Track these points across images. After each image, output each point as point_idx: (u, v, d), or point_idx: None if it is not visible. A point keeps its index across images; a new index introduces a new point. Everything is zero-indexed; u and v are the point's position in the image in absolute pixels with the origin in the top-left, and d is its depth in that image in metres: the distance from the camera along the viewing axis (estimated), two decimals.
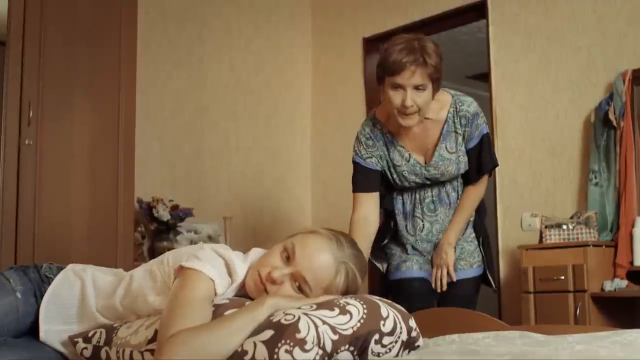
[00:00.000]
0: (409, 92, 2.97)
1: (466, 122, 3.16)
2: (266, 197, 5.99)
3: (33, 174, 3.81)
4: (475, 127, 3.17)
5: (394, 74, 2.97)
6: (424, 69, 2.95)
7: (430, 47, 2.99)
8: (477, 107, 3.21)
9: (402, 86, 2.97)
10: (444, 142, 3.18)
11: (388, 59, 2.99)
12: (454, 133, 3.18)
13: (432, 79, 2.98)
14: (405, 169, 3.22)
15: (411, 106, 2.98)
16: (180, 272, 1.88)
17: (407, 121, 3.05)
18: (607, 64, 4.63)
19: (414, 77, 2.95)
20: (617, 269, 4.27)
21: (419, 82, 2.96)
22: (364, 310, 1.84)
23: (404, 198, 3.33)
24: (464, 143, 3.19)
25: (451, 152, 3.18)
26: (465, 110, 3.17)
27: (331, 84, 6.30)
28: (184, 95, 5.55)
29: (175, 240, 5.04)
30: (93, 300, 2.10)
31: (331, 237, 2.00)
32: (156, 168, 5.30)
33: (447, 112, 3.17)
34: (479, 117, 3.19)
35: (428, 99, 3.02)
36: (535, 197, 4.92)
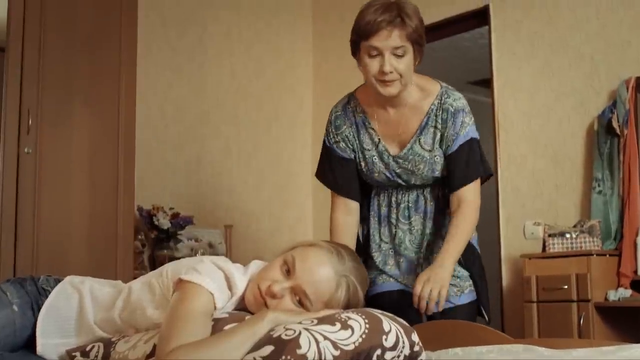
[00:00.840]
0: (387, 56, 2.63)
1: (447, 117, 2.78)
2: (267, 204, 5.97)
3: (32, 183, 3.80)
4: (459, 125, 2.78)
5: (368, 37, 2.67)
6: (402, 29, 2.63)
7: (410, 7, 2.68)
8: (465, 104, 2.83)
9: (379, 50, 2.64)
10: (420, 136, 2.80)
11: (361, 22, 2.72)
12: (433, 128, 2.80)
13: (412, 41, 2.65)
14: (375, 154, 2.86)
15: (390, 72, 2.65)
16: (179, 286, 1.86)
17: (388, 89, 2.69)
18: (610, 71, 4.61)
19: (392, 37, 2.63)
20: (621, 279, 4.25)
21: (397, 43, 2.63)
22: (366, 324, 1.81)
23: (380, 200, 2.95)
24: (443, 144, 2.80)
25: (425, 149, 2.81)
26: (450, 103, 2.79)
27: (332, 90, 6.26)
28: (185, 101, 5.54)
29: (175, 249, 5.02)
30: (91, 313, 2.07)
31: (332, 250, 1.98)
32: (156, 175, 5.28)
33: (431, 104, 2.80)
34: (464, 114, 2.80)
35: (409, 64, 2.68)
36: (538, 205, 4.89)
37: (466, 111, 2.81)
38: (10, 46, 3.81)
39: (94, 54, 4.09)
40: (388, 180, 2.89)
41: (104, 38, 4.14)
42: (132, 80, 4.22)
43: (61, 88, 3.95)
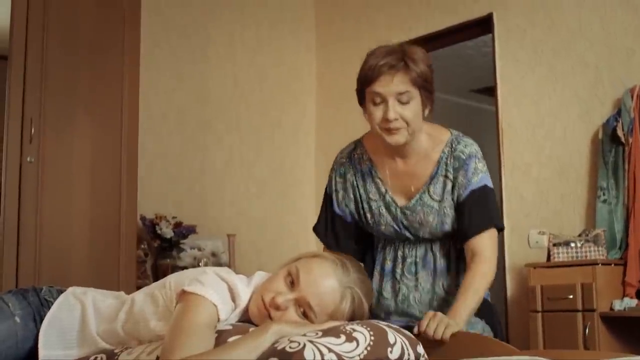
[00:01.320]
0: (391, 103, 2.47)
1: (459, 165, 2.61)
2: (270, 213, 5.96)
3: (35, 191, 3.79)
4: (471, 172, 2.60)
5: (371, 83, 2.50)
6: (405, 73, 2.48)
7: (416, 52, 2.54)
8: (477, 150, 2.66)
9: (382, 96, 2.48)
10: (429, 185, 2.62)
11: (364, 68, 2.55)
12: (443, 177, 2.62)
13: (418, 86, 2.49)
14: (382, 205, 2.68)
15: (395, 119, 2.48)
16: (182, 297, 1.84)
17: (394, 138, 2.52)
18: (615, 79, 4.59)
19: (394, 82, 2.47)
20: (627, 288, 4.22)
21: (401, 88, 2.47)
22: (371, 337, 1.80)
23: (386, 253, 2.75)
24: (453, 193, 2.62)
25: (434, 199, 2.62)
26: (461, 150, 2.63)
27: (335, 98, 6.28)
28: (187, 110, 5.53)
29: (178, 258, 5.01)
30: (94, 325, 2.06)
31: (336, 262, 1.97)
32: (159, 184, 5.27)
33: (441, 152, 2.64)
34: (477, 160, 2.63)
35: (416, 111, 2.52)
36: (543, 214, 4.87)
37: (479, 157, 2.65)
38: (13, 54, 3.81)
39: (97, 62, 4.09)
40: (396, 233, 2.69)
41: (107, 46, 4.14)
42: (135, 88, 4.22)
43: (64, 96, 3.95)
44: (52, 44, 3.92)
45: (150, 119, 5.15)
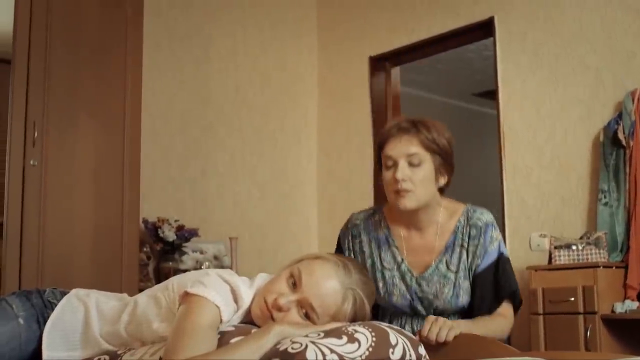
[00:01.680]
0: (400, 164, 2.50)
1: (477, 232, 2.59)
2: (272, 217, 5.96)
3: (38, 195, 3.80)
4: (488, 240, 2.59)
5: (383, 146, 2.56)
6: (414, 135, 2.51)
7: (432, 121, 2.56)
8: (492, 218, 2.65)
9: (393, 159, 2.52)
10: (445, 255, 2.60)
11: (381, 131, 2.62)
12: (459, 247, 2.60)
13: (428, 150, 2.51)
14: (396, 275, 2.63)
15: (403, 180, 2.49)
16: (185, 299, 1.85)
17: (402, 201, 2.51)
18: (616, 82, 4.60)
19: (402, 143, 2.51)
20: (628, 290, 4.22)
21: (410, 150, 2.50)
22: (373, 338, 1.81)
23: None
24: (468, 262, 2.59)
25: (451, 270, 2.59)
26: (477, 218, 2.61)
27: (337, 103, 6.29)
28: (190, 114, 5.54)
29: (180, 261, 5.01)
30: (97, 326, 2.07)
31: (338, 263, 1.98)
32: (161, 188, 5.28)
33: (457, 222, 2.62)
34: (493, 229, 2.61)
35: (427, 176, 2.52)
36: (544, 216, 4.88)
37: (494, 225, 2.64)
38: (16, 58, 3.82)
39: (100, 67, 4.10)
40: (408, 305, 2.62)
41: (110, 51, 4.15)
42: (138, 91, 4.22)
43: (67, 100, 3.96)
44: (55, 47, 3.93)
45: (153, 122, 5.16)
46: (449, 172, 2.60)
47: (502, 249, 2.62)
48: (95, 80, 4.07)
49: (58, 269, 3.81)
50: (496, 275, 2.57)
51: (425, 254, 2.63)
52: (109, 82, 4.12)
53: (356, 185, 6.02)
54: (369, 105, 6.03)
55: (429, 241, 2.64)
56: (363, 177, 5.95)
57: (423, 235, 2.65)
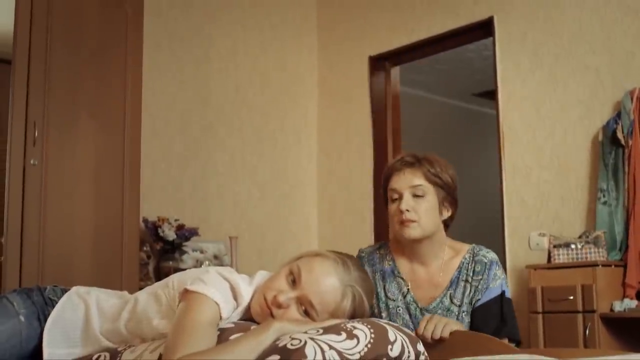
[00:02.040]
0: (405, 196, 2.58)
1: (481, 268, 2.63)
2: (272, 216, 5.97)
3: (38, 194, 3.80)
4: (492, 277, 2.63)
5: (388, 180, 2.66)
6: (417, 168, 2.60)
7: (435, 157, 2.65)
8: (497, 258, 2.69)
9: (398, 191, 2.60)
10: (450, 289, 2.64)
11: (387, 165, 2.71)
12: (464, 282, 2.64)
13: (431, 182, 2.60)
14: (401, 306, 2.66)
15: (407, 210, 2.57)
16: (185, 296, 1.86)
17: (407, 231, 2.58)
18: (615, 82, 4.61)
19: (406, 176, 2.60)
20: (627, 289, 4.23)
21: (413, 182, 2.59)
22: (371, 334, 1.81)
23: None
24: (470, 296, 2.63)
25: (455, 304, 2.63)
26: (483, 255, 2.66)
27: (337, 103, 6.30)
28: (190, 114, 5.54)
29: (180, 260, 5.01)
30: (97, 324, 2.08)
31: (337, 260, 1.98)
32: (162, 187, 5.28)
33: (462, 258, 2.67)
34: (497, 266, 2.66)
35: (431, 207, 2.60)
36: (543, 216, 4.88)
37: (499, 264, 2.68)
38: (17, 58, 3.82)
39: (100, 67, 4.11)
40: None
41: (110, 51, 4.16)
42: (138, 91, 4.23)
43: (67, 100, 3.96)
44: (55, 47, 3.94)
45: (153, 122, 5.17)
46: (453, 206, 2.67)
47: (505, 288, 2.64)
48: (95, 81, 4.08)
49: (58, 268, 3.82)
50: (494, 313, 2.59)
51: (429, 288, 2.67)
52: (109, 82, 4.12)
53: (356, 185, 6.03)
54: (368, 105, 6.03)
55: (433, 276, 2.68)
56: (363, 177, 5.96)
57: (427, 270, 2.69)
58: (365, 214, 5.91)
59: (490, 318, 2.59)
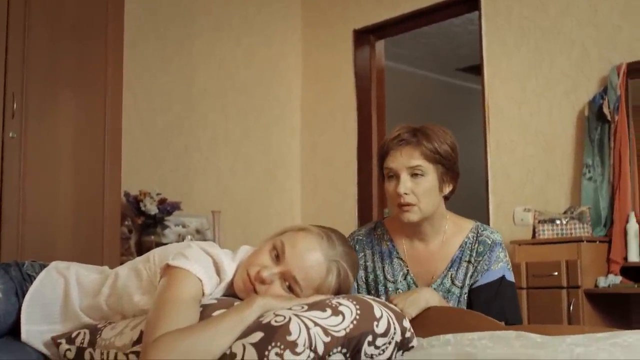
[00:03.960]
0: (402, 177, 2.44)
1: (484, 249, 2.53)
2: (255, 191, 5.94)
3: (17, 167, 3.75)
4: (493, 259, 2.53)
5: (383, 158, 2.50)
6: (415, 147, 2.44)
7: (433, 129, 2.49)
8: (502, 239, 2.60)
9: (394, 171, 2.47)
10: (451, 270, 2.55)
11: (382, 142, 2.55)
12: (466, 263, 2.55)
13: (431, 160, 2.45)
14: (401, 288, 2.58)
15: (406, 194, 2.44)
16: (166, 271, 1.82)
17: (407, 215, 2.46)
18: (602, 57, 4.58)
19: (403, 156, 2.45)
20: (611, 265, 4.23)
21: (411, 162, 2.44)
22: (357, 310, 1.79)
23: None
24: (471, 277, 2.55)
25: (456, 285, 2.55)
26: (487, 236, 2.56)
27: (321, 78, 6.25)
28: (173, 89, 5.49)
29: (162, 235, 4.99)
30: (77, 299, 2.04)
31: (322, 235, 1.95)
32: (144, 161, 5.24)
33: (465, 237, 2.57)
34: (501, 248, 2.56)
35: (430, 187, 2.46)
36: (528, 191, 4.87)
37: (503, 247, 2.58)
38: None
39: (81, 40, 4.04)
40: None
41: (91, 25, 4.09)
42: (119, 68, 4.17)
43: (47, 72, 3.90)
44: (34, 19, 3.87)
45: (135, 97, 5.11)
46: (454, 179, 2.55)
47: (505, 271, 2.55)
48: (75, 53, 4.01)
49: (38, 242, 3.77)
50: (490, 297, 2.51)
51: (429, 264, 2.58)
52: (89, 55, 4.06)
53: (340, 160, 6.00)
54: (353, 79, 6.00)
55: (433, 252, 2.59)
56: (347, 152, 5.93)
57: (427, 246, 2.60)
58: (349, 190, 5.89)
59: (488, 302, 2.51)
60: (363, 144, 5.85)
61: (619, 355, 1.68)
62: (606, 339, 1.89)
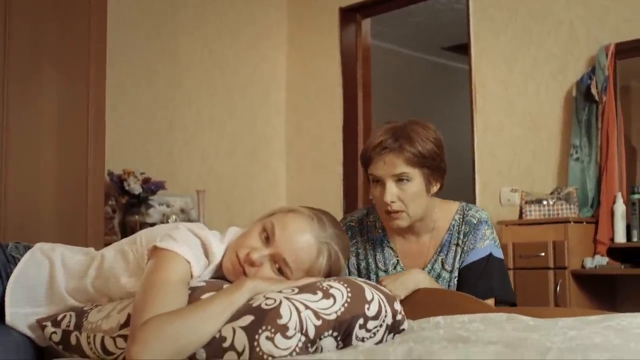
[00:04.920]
0: (388, 185, 2.40)
1: (469, 229, 2.53)
2: (240, 171, 5.91)
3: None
4: (479, 237, 2.52)
5: (367, 165, 2.46)
6: (399, 154, 2.38)
7: (416, 129, 2.42)
8: (488, 216, 2.58)
9: (379, 178, 2.43)
10: (441, 254, 2.55)
11: (365, 146, 2.49)
12: (455, 246, 2.54)
13: (416, 165, 2.40)
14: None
15: (392, 202, 2.40)
16: (154, 253, 1.79)
17: (396, 222, 2.44)
18: (590, 37, 4.56)
19: (387, 165, 2.39)
20: (598, 246, 4.24)
21: (396, 170, 2.39)
22: (348, 293, 1.77)
23: None
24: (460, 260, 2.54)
25: (446, 269, 2.54)
26: (472, 215, 2.55)
27: (306, 56, 6.20)
28: (157, 67, 5.44)
29: (147, 214, 4.95)
30: (62, 281, 1.99)
31: (312, 217, 1.93)
32: (127, 141, 5.19)
33: (452, 220, 2.56)
34: (486, 226, 2.55)
35: (417, 191, 2.42)
36: (515, 172, 4.86)
37: (489, 224, 2.57)
38: None
39: (63, 17, 3.97)
40: None
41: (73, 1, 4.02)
42: (102, 44, 4.10)
43: (28, 49, 3.83)
44: None
45: (119, 75, 5.05)
46: (441, 177, 2.50)
47: (492, 249, 2.54)
48: (57, 30, 3.94)
49: (21, 222, 3.72)
50: (478, 275, 2.50)
51: (420, 256, 2.57)
52: (71, 32, 3.99)
53: (325, 140, 5.97)
54: (338, 58, 5.95)
55: (424, 244, 2.58)
56: (332, 132, 5.90)
57: (419, 239, 2.59)
58: (335, 169, 5.86)
59: (475, 280, 2.50)
60: (349, 124, 5.82)
61: (613, 338, 1.67)
62: (598, 322, 1.89)
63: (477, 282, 2.49)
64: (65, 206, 3.90)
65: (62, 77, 3.94)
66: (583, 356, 1.42)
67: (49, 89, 3.90)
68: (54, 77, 3.91)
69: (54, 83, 3.91)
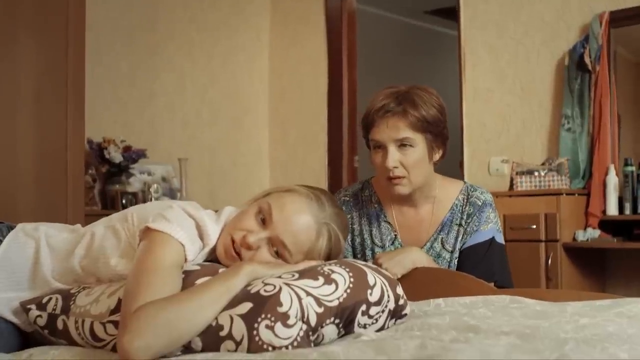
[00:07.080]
0: (390, 149, 2.34)
1: (473, 210, 2.48)
2: (222, 138, 5.82)
3: None
4: (483, 220, 2.47)
5: (369, 129, 2.40)
6: (402, 118, 2.33)
7: (419, 94, 2.37)
8: (492, 199, 2.55)
9: (380, 143, 2.37)
10: (441, 234, 2.50)
11: (366, 111, 2.43)
12: (457, 226, 2.49)
13: (419, 130, 2.34)
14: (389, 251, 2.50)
15: (395, 167, 2.35)
16: (146, 234, 1.70)
17: (397, 188, 2.38)
18: (583, 4, 4.48)
19: (390, 128, 2.34)
20: (590, 219, 4.19)
21: (399, 135, 2.33)
22: (350, 278, 1.70)
23: None
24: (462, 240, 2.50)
25: (446, 249, 2.49)
26: (477, 196, 2.50)
27: (290, 21, 6.09)
28: (136, 33, 5.32)
29: (127, 183, 4.88)
30: (48, 263, 1.89)
31: (311, 196, 1.85)
32: (107, 109, 5.07)
33: (455, 199, 2.51)
34: (491, 209, 2.51)
35: (420, 157, 2.37)
36: (504, 141, 4.80)
37: (493, 207, 2.53)
38: None
39: None
40: None
41: None
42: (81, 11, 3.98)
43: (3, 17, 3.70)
44: None
45: (97, 41, 4.91)
46: (444, 143, 2.45)
47: (494, 233, 2.49)
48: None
49: None
50: (480, 259, 2.46)
51: (419, 230, 2.52)
52: None
53: (309, 107, 5.88)
54: (323, 23, 5.86)
55: (424, 217, 2.52)
56: (317, 99, 5.81)
57: (417, 211, 2.53)
58: (319, 138, 5.79)
59: (476, 263, 2.45)
60: (333, 90, 5.73)
61: (627, 327, 1.63)
62: (609, 308, 1.84)
63: (478, 265, 2.44)
64: (44, 175, 3.80)
65: (40, 45, 3.83)
66: (601, 348, 1.35)
67: (26, 56, 3.79)
68: (31, 45, 3.80)
69: (32, 51, 3.80)
